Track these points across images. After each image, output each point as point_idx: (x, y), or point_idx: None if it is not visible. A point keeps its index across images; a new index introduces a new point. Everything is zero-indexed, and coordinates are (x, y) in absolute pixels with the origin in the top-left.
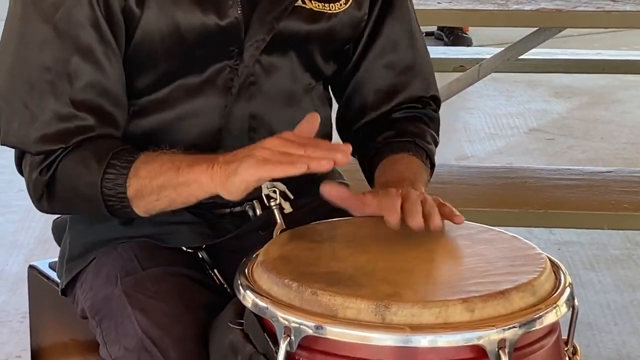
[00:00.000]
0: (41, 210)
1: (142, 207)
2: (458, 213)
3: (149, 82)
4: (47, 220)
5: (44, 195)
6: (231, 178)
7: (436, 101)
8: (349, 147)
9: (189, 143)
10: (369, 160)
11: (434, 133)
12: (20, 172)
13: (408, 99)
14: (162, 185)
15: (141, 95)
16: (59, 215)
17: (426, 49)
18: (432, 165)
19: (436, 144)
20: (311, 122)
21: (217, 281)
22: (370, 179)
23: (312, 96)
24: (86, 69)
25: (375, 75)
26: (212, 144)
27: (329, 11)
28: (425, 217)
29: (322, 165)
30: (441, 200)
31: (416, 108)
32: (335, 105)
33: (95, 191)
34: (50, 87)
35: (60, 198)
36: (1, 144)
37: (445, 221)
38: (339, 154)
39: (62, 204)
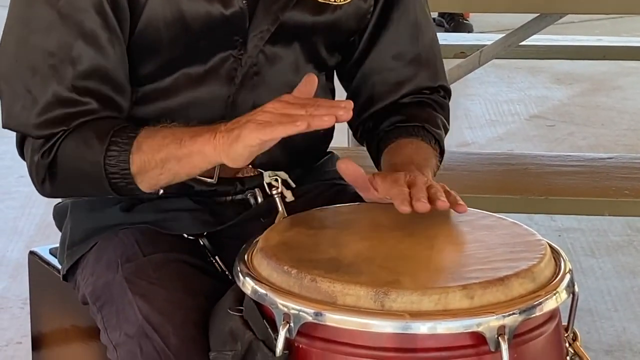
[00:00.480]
0: (44, 194)
1: (146, 182)
2: (462, 202)
3: (152, 70)
4: (48, 206)
5: (47, 178)
6: (234, 145)
7: (445, 90)
8: (350, 104)
9: None
10: (376, 145)
11: (443, 119)
12: (22, 156)
13: (416, 89)
14: (165, 159)
15: (144, 83)
16: (60, 201)
17: (436, 37)
18: (442, 151)
19: (446, 130)
20: (309, 83)
21: (219, 268)
22: (378, 164)
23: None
24: (89, 54)
25: (382, 67)
26: None
27: (334, 3)
28: (431, 200)
29: (324, 122)
30: (447, 188)
31: (424, 94)
32: (338, 96)
33: (99, 170)
34: (53, 72)
35: (62, 180)
36: (2, 127)
37: None
38: (340, 110)
39: (65, 186)
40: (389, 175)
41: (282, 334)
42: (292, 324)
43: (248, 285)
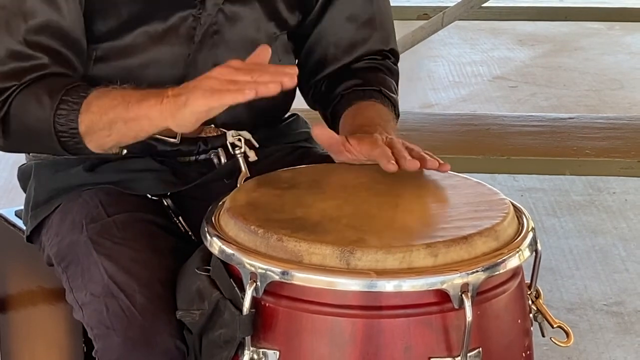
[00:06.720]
0: None
1: (94, 142)
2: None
3: (111, 27)
4: (13, 169)
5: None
6: (181, 110)
7: (395, 54)
8: (295, 69)
9: None
10: (332, 109)
11: (395, 84)
12: None
13: (368, 52)
14: (113, 121)
15: (103, 40)
16: (24, 162)
17: (388, 1)
18: (397, 115)
19: (397, 95)
20: (262, 53)
21: (182, 228)
22: (335, 127)
23: (276, 46)
24: (42, 9)
25: (337, 28)
26: None
27: None
28: (417, 160)
29: (269, 89)
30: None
31: (376, 60)
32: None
33: (48, 127)
34: (5, 25)
35: (14, 134)
36: None
37: None
38: (285, 77)
39: (17, 140)
40: (365, 137)
41: (249, 293)
42: (258, 283)
43: (215, 245)
